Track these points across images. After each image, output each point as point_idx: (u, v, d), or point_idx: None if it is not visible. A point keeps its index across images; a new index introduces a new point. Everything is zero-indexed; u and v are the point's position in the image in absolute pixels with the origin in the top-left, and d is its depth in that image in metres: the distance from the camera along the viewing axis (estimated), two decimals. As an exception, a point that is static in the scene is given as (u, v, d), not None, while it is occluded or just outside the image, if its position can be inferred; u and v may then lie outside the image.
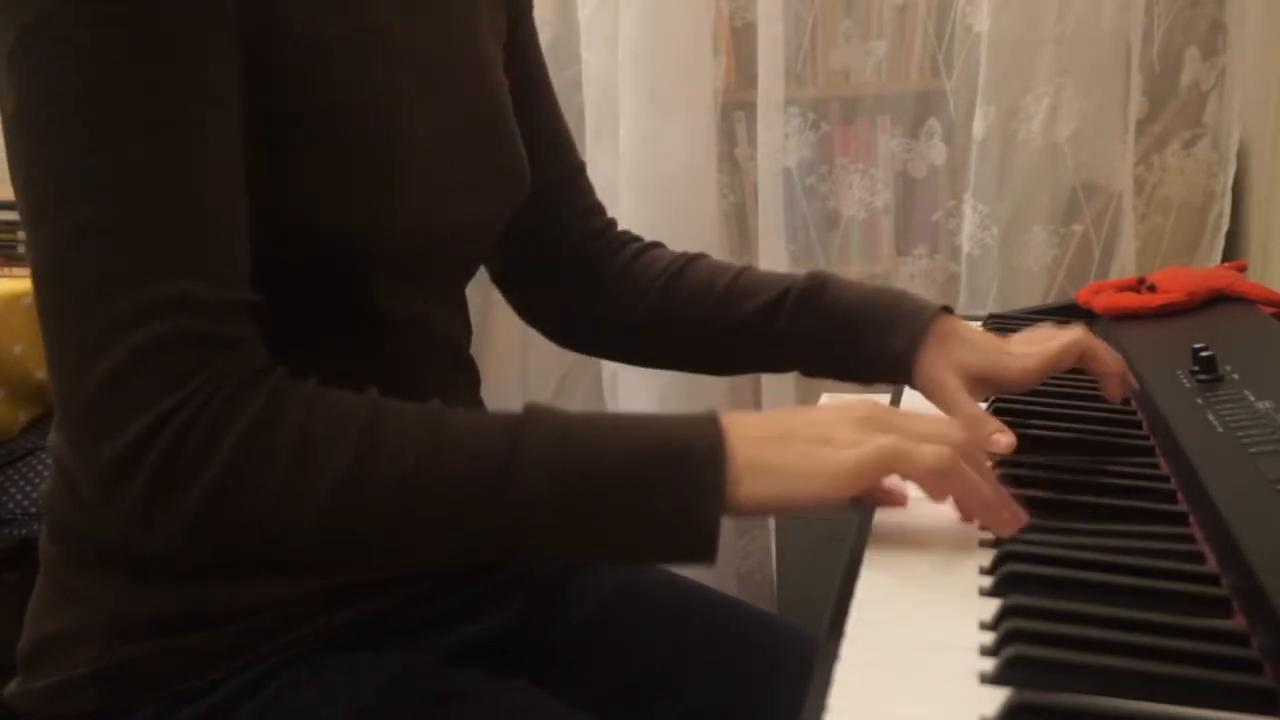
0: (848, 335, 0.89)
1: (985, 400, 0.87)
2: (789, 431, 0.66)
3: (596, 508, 0.64)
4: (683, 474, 0.64)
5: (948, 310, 0.88)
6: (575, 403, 2.04)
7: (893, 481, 0.69)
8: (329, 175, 0.73)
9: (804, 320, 0.91)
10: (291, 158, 0.71)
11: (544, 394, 2.03)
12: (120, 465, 0.63)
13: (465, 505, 0.64)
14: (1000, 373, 0.83)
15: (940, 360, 0.84)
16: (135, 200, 0.64)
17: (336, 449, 0.64)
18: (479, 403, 0.95)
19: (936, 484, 0.65)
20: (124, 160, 0.64)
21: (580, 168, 1.02)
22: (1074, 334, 0.84)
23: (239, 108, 0.68)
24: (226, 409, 0.64)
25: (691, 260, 0.98)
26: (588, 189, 1.03)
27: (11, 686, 0.80)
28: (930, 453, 0.64)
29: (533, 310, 1.04)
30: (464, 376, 0.92)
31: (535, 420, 0.66)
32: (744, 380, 1.97)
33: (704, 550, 0.64)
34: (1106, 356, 0.84)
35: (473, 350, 0.94)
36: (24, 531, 1.70)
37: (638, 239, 1.03)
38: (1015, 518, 0.66)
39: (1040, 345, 0.84)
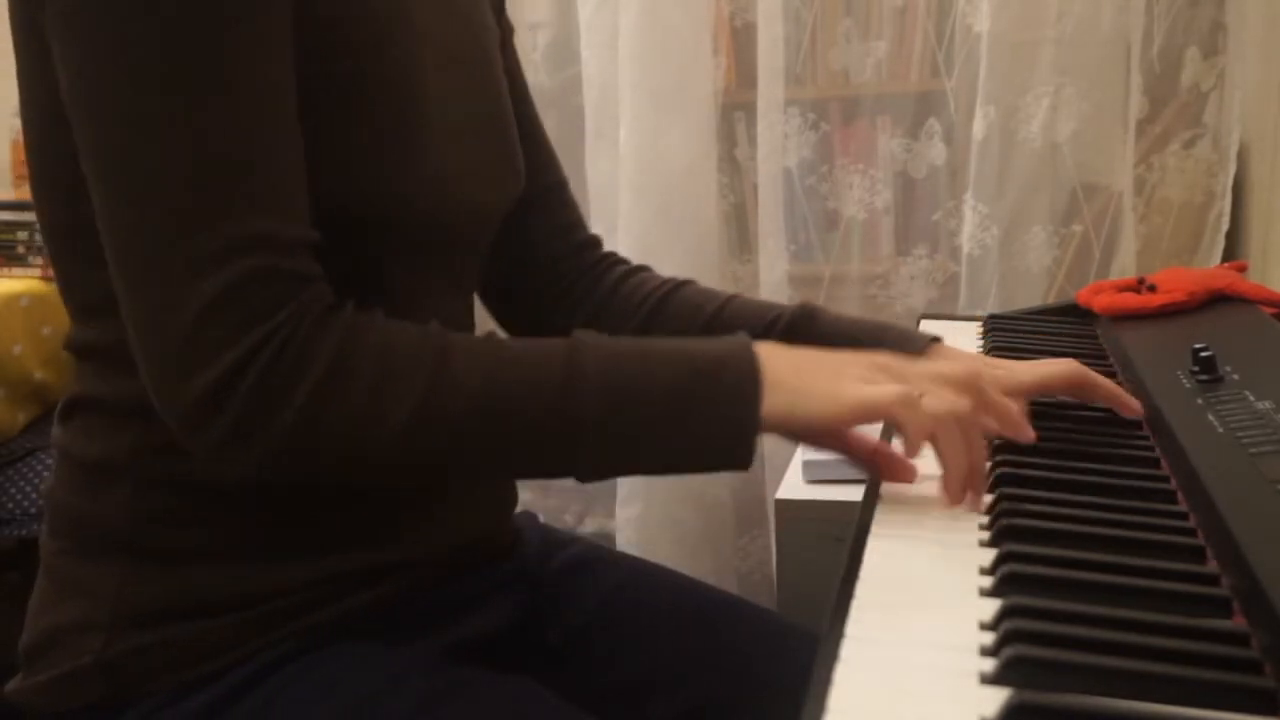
0: None
1: None
2: (811, 362, 0.73)
3: (647, 421, 0.71)
4: (723, 386, 0.71)
5: (937, 340, 0.91)
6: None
7: (902, 458, 0.73)
8: (351, 145, 0.75)
9: None
10: (316, 124, 0.73)
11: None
12: (216, 394, 0.67)
13: (526, 426, 0.70)
14: None
15: None
16: (214, 145, 0.67)
17: (413, 377, 0.69)
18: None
19: (923, 432, 0.70)
20: (202, 108, 0.67)
21: (563, 183, 1.03)
22: (1069, 365, 0.85)
23: (292, 61, 0.71)
24: (311, 340, 0.69)
25: (679, 285, 1.00)
26: (571, 204, 1.04)
27: (14, 683, 0.80)
28: (930, 409, 0.69)
29: (513, 324, 1.04)
30: None
31: (585, 346, 0.72)
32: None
33: (743, 455, 0.71)
34: (1107, 384, 0.85)
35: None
36: (24, 531, 1.70)
37: (624, 261, 1.04)
38: (974, 500, 0.70)
39: (1033, 367, 0.85)
